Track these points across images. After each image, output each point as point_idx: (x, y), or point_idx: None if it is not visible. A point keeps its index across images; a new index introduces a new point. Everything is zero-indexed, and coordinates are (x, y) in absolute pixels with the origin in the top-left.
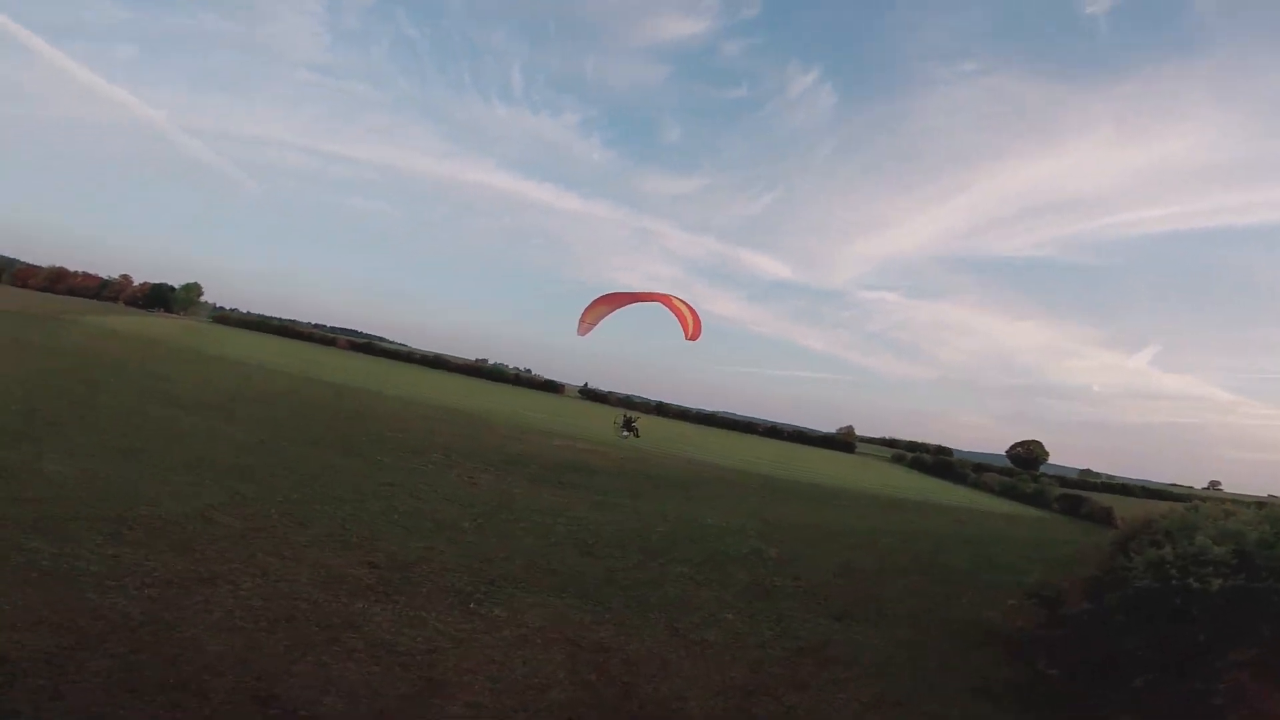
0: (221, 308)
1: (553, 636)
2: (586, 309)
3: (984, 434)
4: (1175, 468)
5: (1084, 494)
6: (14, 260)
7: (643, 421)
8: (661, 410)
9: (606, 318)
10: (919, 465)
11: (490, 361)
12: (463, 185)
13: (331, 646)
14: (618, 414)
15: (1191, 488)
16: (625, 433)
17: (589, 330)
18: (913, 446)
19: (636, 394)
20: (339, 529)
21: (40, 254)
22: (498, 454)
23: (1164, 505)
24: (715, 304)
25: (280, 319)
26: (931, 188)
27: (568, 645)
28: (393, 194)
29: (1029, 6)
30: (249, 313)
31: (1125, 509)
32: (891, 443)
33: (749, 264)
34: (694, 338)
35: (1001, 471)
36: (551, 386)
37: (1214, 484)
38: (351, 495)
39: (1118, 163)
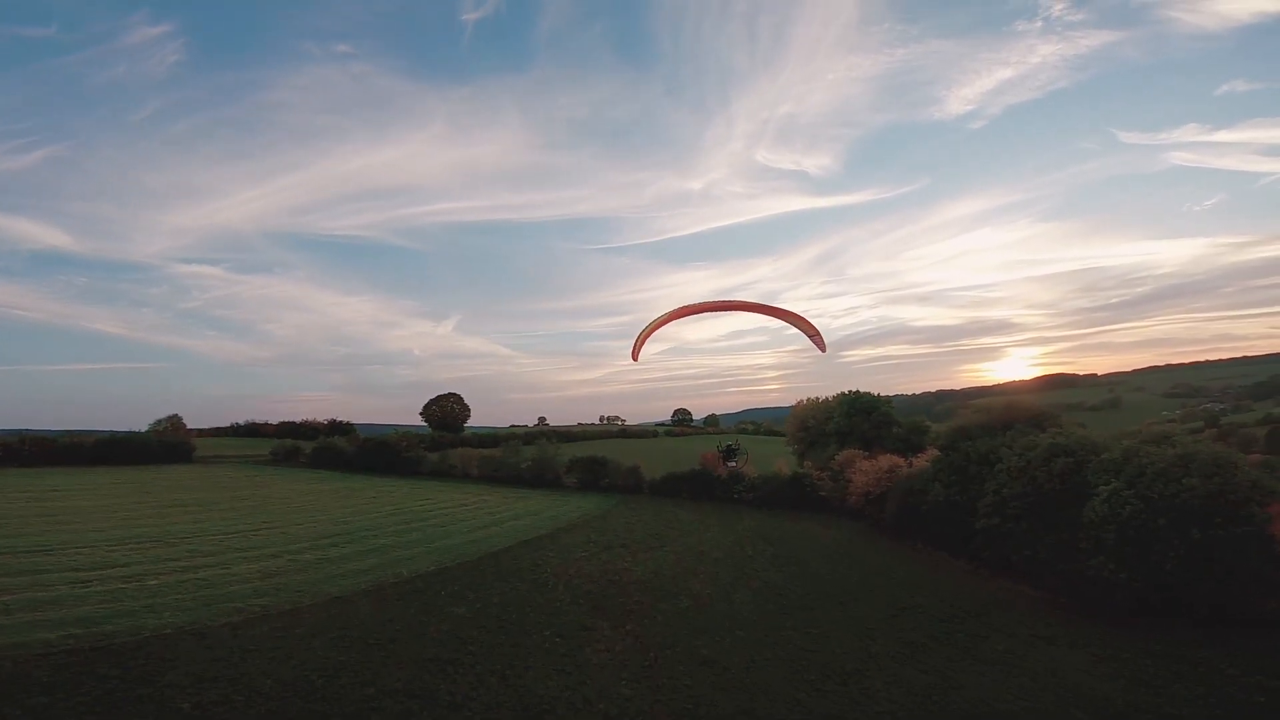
0: None
1: None
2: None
3: (326, 406)
4: (497, 411)
5: (599, 460)
6: None
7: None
8: None
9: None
10: (336, 462)
11: None
12: None
13: None
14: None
15: (527, 425)
16: (732, 462)
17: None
18: (287, 431)
19: None
20: None
21: None
22: None
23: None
24: None
25: None
26: (270, 161)
27: None
28: None
29: (418, 2)
30: None
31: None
32: (252, 429)
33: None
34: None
35: (430, 444)
36: None
37: (542, 420)
38: None
39: (443, 158)
